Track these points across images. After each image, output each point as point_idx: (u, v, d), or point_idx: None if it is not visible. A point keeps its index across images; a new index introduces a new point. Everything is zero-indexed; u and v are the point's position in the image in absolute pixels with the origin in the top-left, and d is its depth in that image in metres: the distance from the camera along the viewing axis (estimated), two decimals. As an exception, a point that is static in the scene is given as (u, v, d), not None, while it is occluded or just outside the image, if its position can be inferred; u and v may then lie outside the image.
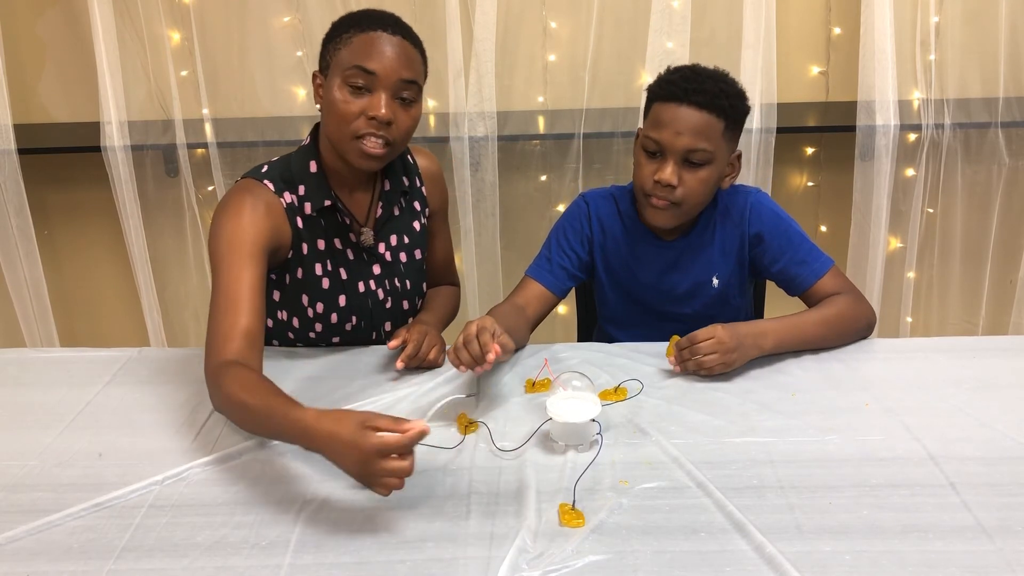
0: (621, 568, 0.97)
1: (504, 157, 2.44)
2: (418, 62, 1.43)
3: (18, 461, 1.22)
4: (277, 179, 1.45)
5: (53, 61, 2.50)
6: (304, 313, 1.52)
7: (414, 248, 1.60)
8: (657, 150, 1.47)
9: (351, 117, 1.38)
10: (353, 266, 1.53)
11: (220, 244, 1.35)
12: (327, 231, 1.49)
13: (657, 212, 1.51)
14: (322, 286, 1.50)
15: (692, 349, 1.38)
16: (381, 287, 1.56)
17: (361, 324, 1.56)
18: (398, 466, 1.02)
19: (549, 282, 1.62)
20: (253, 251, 1.35)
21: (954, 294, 2.57)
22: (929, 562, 0.97)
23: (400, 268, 1.58)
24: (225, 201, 1.42)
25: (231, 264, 1.33)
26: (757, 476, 1.14)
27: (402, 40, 1.40)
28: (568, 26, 2.43)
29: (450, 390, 1.38)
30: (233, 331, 1.27)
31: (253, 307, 1.31)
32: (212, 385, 1.25)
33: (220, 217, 1.39)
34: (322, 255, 1.50)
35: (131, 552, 1.02)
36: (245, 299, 1.30)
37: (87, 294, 2.74)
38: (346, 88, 1.38)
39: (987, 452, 1.18)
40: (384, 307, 1.56)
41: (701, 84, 1.44)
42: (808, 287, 1.56)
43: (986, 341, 1.65)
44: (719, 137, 1.45)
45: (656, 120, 1.47)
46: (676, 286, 1.62)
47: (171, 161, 2.46)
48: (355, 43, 1.38)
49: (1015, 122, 2.36)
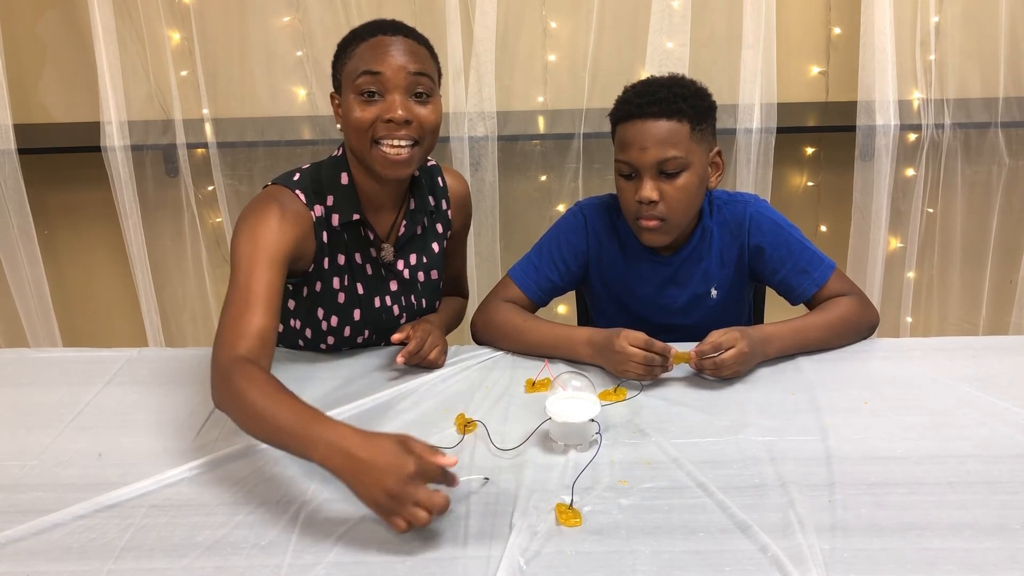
0: (620, 568, 0.97)
1: (504, 157, 2.44)
2: (425, 55, 1.41)
3: (18, 461, 1.22)
4: (309, 190, 1.43)
5: (53, 61, 2.50)
6: (318, 325, 1.51)
7: (431, 268, 1.59)
8: (631, 171, 1.47)
9: (367, 124, 1.36)
10: (371, 281, 1.52)
11: (244, 244, 1.33)
12: (349, 245, 1.48)
13: (650, 233, 1.50)
14: (338, 300, 1.49)
15: (717, 361, 1.36)
16: (397, 303, 1.55)
17: (373, 338, 1.56)
18: (434, 499, 0.98)
19: (532, 290, 1.61)
20: (276, 256, 1.33)
21: (954, 294, 2.57)
22: (928, 560, 0.97)
23: (417, 287, 1.57)
24: (255, 204, 1.40)
25: (254, 264, 1.30)
26: (758, 475, 1.14)
27: (404, 38, 1.39)
28: (568, 26, 2.43)
29: (450, 394, 1.39)
30: (248, 328, 1.24)
31: (270, 308, 1.28)
32: (220, 379, 1.19)
33: (249, 218, 1.37)
34: (341, 269, 1.48)
35: (131, 552, 1.02)
36: (262, 299, 1.27)
37: (87, 294, 2.74)
38: (360, 98, 1.36)
39: (985, 451, 1.18)
40: (399, 323, 1.56)
41: (654, 95, 1.44)
42: (809, 296, 1.55)
43: (986, 341, 1.65)
44: (687, 141, 1.44)
45: (622, 142, 1.47)
46: (674, 300, 1.61)
47: (171, 161, 2.46)
48: (359, 52, 1.38)
49: (1015, 122, 2.36)
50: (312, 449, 1.04)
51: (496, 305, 1.58)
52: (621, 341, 1.37)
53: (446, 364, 1.48)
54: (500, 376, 1.44)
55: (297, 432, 1.06)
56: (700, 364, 1.37)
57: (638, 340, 1.36)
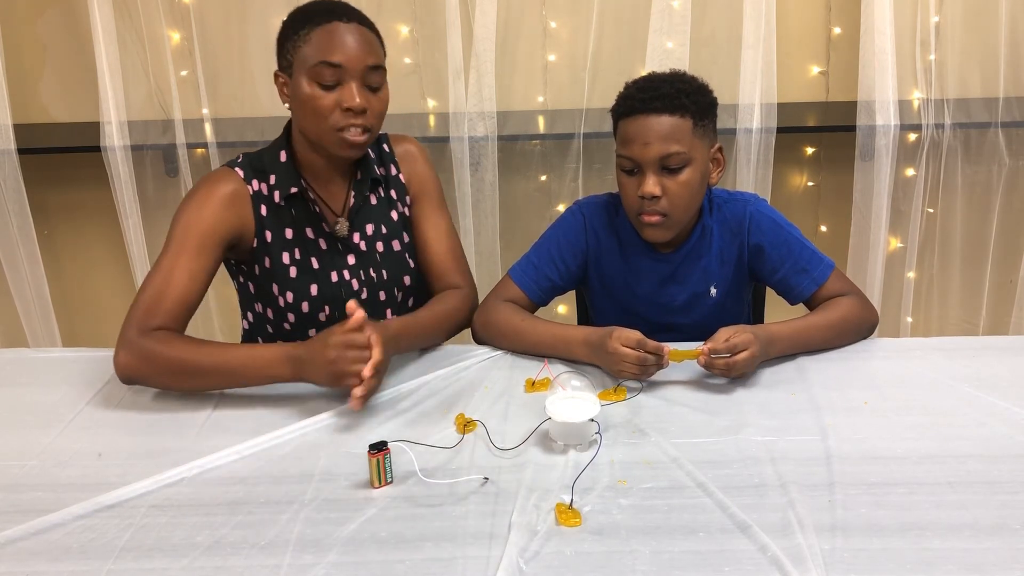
0: (620, 568, 0.97)
1: (504, 157, 2.44)
2: (378, 45, 1.46)
3: (18, 461, 1.22)
4: (248, 168, 1.50)
5: (53, 61, 2.50)
6: (276, 303, 1.53)
7: (392, 238, 1.59)
8: (633, 167, 1.47)
9: (327, 111, 1.41)
10: (326, 256, 1.53)
11: (176, 228, 1.44)
12: (296, 220, 1.51)
13: (652, 229, 1.50)
14: (290, 275, 1.51)
15: (730, 363, 1.35)
16: (356, 277, 1.55)
17: (335, 315, 1.55)
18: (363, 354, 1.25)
19: (531, 290, 1.60)
20: (204, 242, 1.42)
21: (954, 294, 2.57)
22: (927, 560, 0.97)
23: (376, 258, 1.57)
24: (194, 188, 1.49)
25: (179, 250, 1.41)
26: (757, 475, 1.14)
27: (359, 26, 1.43)
28: (568, 26, 2.43)
29: (450, 394, 1.39)
30: (159, 307, 1.37)
31: (184, 294, 1.40)
32: (129, 348, 1.34)
33: (185, 203, 1.46)
34: (289, 244, 1.51)
35: (131, 552, 1.02)
36: (179, 285, 1.39)
37: (87, 294, 2.74)
38: (315, 84, 1.41)
39: (985, 451, 1.18)
40: (359, 297, 1.56)
41: (657, 90, 1.44)
42: (808, 295, 1.55)
43: (986, 341, 1.65)
44: (689, 136, 1.44)
45: (624, 137, 1.47)
46: (674, 298, 1.60)
47: (171, 161, 2.46)
48: (314, 38, 1.40)
49: (1015, 122, 2.36)
50: (266, 371, 1.32)
51: (496, 305, 1.58)
52: (614, 342, 1.36)
53: (446, 364, 1.48)
54: (500, 376, 1.44)
55: (247, 364, 1.33)
56: (711, 362, 1.36)
57: (630, 340, 1.36)
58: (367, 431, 1.27)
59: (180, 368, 1.34)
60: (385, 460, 1.13)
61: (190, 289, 1.41)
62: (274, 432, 1.26)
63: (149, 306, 1.38)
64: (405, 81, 2.41)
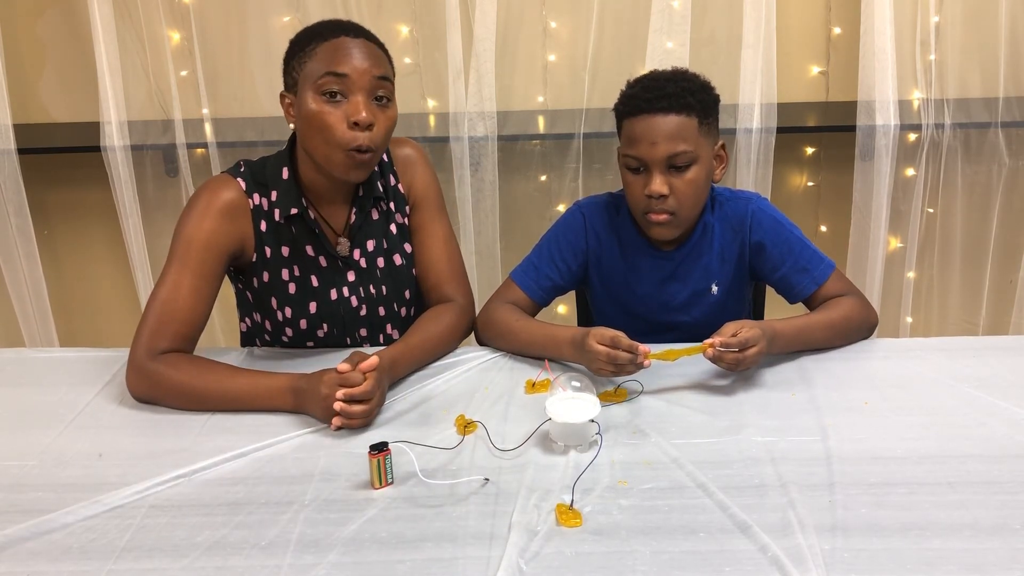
0: (620, 568, 0.97)
1: (504, 157, 2.44)
2: (385, 60, 1.43)
3: (18, 461, 1.22)
4: (249, 179, 1.47)
5: (53, 61, 2.50)
6: (274, 316, 1.52)
7: (392, 252, 1.57)
8: (639, 165, 1.47)
9: (333, 127, 1.36)
10: (326, 273, 1.52)
11: (178, 241, 1.42)
12: (296, 238, 1.49)
13: (659, 227, 1.50)
14: (288, 291, 1.50)
15: (740, 357, 1.34)
16: (355, 294, 1.54)
17: (334, 331, 1.55)
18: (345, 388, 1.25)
19: (532, 291, 1.61)
20: (206, 257, 1.41)
21: (954, 294, 2.57)
22: (927, 560, 0.97)
23: (376, 274, 1.55)
24: (196, 197, 1.45)
25: (183, 266, 1.40)
26: (758, 475, 1.14)
27: (366, 41, 1.40)
28: (568, 26, 2.43)
29: (450, 394, 1.39)
30: (166, 329, 1.38)
31: (191, 315, 1.40)
32: (140, 372, 1.35)
33: (186, 213, 1.44)
34: (287, 261, 1.49)
35: (131, 552, 1.02)
36: (185, 305, 1.39)
37: (87, 294, 2.74)
38: (321, 98, 1.36)
39: (986, 451, 1.18)
40: (358, 314, 1.55)
41: (662, 89, 1.44)
42: (808, 295, 1.55)
43: (986, 341, 1.65)
44: (695, 135, 1.44)
45: (630, 137, 1.47)
46: (675, 296, 1.60)
47: (171, 161, 2.46)
48: (320, 52, 1.38)
49: (1015, 122, 2.36)
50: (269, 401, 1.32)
51: (496, 306, 1.58)
52: (590, 340, 1.36)
53: (446, 364, 1.48)
54: (500, 377, 1.44)
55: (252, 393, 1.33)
56: (720, 356, 1.34)
57: (604, 338, 1.35)
58: (367, 432, 1.27)
59: (187, 393, 1.35)
60: (386, 461, 1.13)
61: (196, 309, 1.41)
62: (275, 433, 1.26)
63: (156, 328, 1.38)
64: (405, 81, 2.40)
